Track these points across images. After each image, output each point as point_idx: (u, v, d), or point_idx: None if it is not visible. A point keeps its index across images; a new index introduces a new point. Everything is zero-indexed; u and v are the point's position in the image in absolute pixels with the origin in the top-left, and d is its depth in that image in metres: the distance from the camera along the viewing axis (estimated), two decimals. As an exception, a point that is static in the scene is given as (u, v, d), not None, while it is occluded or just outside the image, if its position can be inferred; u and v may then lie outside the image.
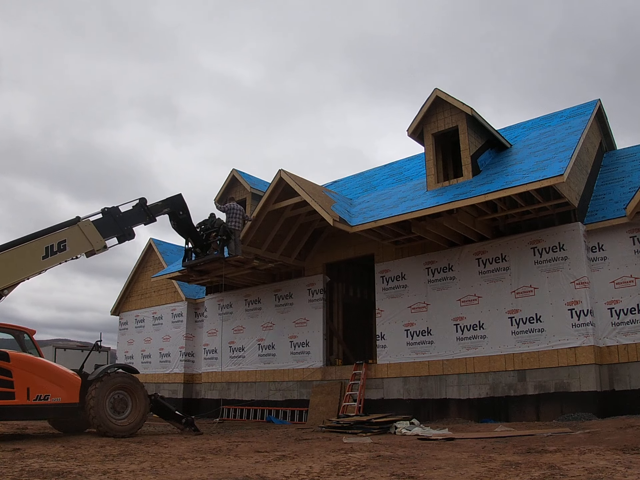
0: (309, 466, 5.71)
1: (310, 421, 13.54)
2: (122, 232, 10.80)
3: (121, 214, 10.84)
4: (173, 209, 11.84)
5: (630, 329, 10.59)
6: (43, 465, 5.81)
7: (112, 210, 10.69)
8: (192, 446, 8.00)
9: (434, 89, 13.12)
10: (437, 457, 6.25)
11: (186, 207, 12.07)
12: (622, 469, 4.79)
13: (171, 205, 11.81)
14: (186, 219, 12.11)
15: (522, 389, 11.13)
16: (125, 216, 10.93)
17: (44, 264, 9.53)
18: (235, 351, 17.03)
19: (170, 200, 11.86)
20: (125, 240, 10.93)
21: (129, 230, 10.91)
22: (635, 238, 10.99)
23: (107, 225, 10.56)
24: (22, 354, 9.04)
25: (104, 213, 10.59)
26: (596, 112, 13.99)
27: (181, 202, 12.00)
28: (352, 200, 15.35)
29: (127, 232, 10.89)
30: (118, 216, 10.74)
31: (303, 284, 15.82)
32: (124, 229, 10.80)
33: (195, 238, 12.84)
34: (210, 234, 13.03)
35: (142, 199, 11.26)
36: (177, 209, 11.91)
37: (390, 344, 13.35)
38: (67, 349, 26.32)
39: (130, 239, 10.98)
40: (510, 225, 12.16)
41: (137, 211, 11.19)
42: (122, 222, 10.79)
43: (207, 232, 13.03)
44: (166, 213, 11.84)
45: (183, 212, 12.00)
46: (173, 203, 11.87)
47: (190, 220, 12.33)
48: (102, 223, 10.49)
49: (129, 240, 10.99)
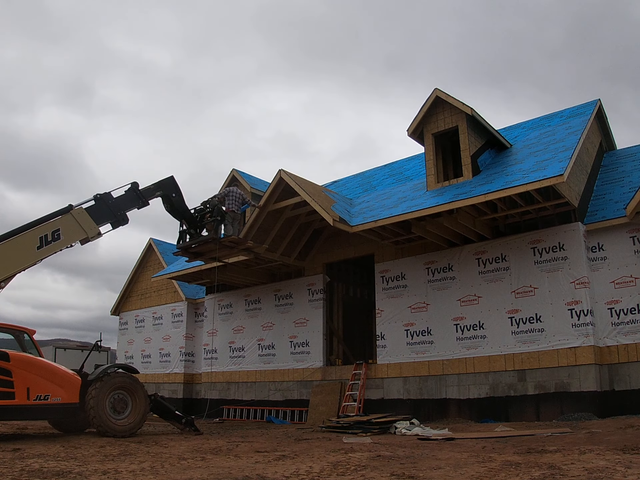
0: (309, 466, 5.71)
1: (310, 421, 13.54)
2: (116, 218, 10.83)
3: (114, 199, 10.88)
4: (166, 192, 11.93)
5: (630, 329, 10.59)
6: (43, 465, 5.81)
7: (105, 196, 10.71)
8: (192, 446, 7.99)
9: (434, 89, 13.13)
10: (437, 457, 6.25)
11: (179, 189, 12.15)
12: (622, 469, 4.79)
13: (163, 188, 11.90)
14: (179, 200, 12.18)
15: (522, 389, 11.13)
16: (118, 201, 10.96)
17: (39, 254, 9.53)
18: (235, 351, 17.03)
19: (162, 182, 11.94)
20: (119, 226, 10.97)
21: (123, 215, 10.94)
22: (635, 238, 10.99)
23: (100, 212, 10.57)
24: (22, 354, 9.04)
25: (97, 199, 10.61)
26: (596, 112, 13.99)
27: (173, 184, 12.09)
28: (352, 200, 15.35)
29: (121, 218, 10.92)
30: (111, 202, 10.77)
31: (303, 284, 15.83)
32: (118, 215, 10.83)
33: (189, 219, 12.86)
34: (204, 215, 13.02)
35: (134, 183, 11.31)
36: (170, 191, 12.00)
37: (390, 344, 13.36)
38: (67, 349, 26.37)
39: (124, 224, 11.02)
40: (510, 225, 12.16)
41: (129, 196, 11.23)
42: (115, 207, 10.82)
43: (201, 213, 13.03)
44: (159, 196, 11.91)
45: (176, 194, 12.08)
46: (165, 186, 11.94)
47: (184, 202, 12.38)
48: (95, 210, 10.50)
49: (122, 226, 11.03)
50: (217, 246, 12.99)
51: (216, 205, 12.92)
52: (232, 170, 17.42)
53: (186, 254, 13.88)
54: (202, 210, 12.98)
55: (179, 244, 13.42)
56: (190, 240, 13.11)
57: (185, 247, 13.35)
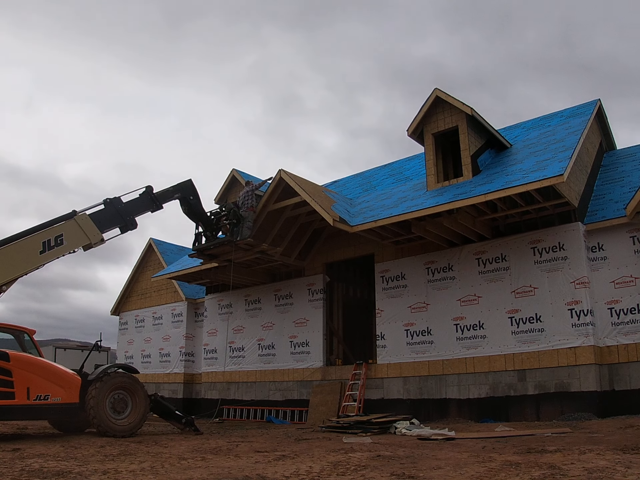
0: (309, 466, 5.71)
1: (310, 421, 13.54)
2: (125, 223, 10.88)
3: (123, 204, 10.90)
4: (184, 195, 12.12)
5: (630, 329, 10.59)
6: (43, 465, 5.81)
7: (114, 200, 10.78)
8: (192, 446, 7.99)
9: (434, 89, 13.12)
10: (437, 457, 6.25)
11: (196, 192, 12.40)
12: (622, 469, 4.79)
13: (182, 190, 12.11)
14: (196, 203, 12.44)
15: (522, 389, 11.13)
16: (128, 206, 11.02)
17: (41, 258, 9.57)
18: (235, 351, 17.03)
19: (180, 185, 12.13)
20: (127, 231, 11.04)
21: (132, 220, 11.02)
22: (635, 238, 10.99)
23: (109, 216, 10.63)
24: (22, 354, 9.04)
25: (106, 204, 10.66)
26: (596, 112, 13.99)
27: (191, 187, 12.30)
28: (352, 200, 15.35)
29: (130, 222, 10.98)
30: (120, 206, 10.82)
31: (303, 284, 15.82)
32: (127, 219, 10.88)
33: (205, 222, 13.03)
34: (220, 218, 13.16)
35: (149, 186, 11.42)
36: (188, 194, 12.23)
37: (390, 344, 13.35)
38: (67, 349, 26.37)
39: (132, 229, 11.09)
40: (510, 225, 12.16)
41: (143, 199, 11.30)
42: (125, 212, 10.87)
43: (217, 216, 13.17)
44: (177, 199, 12.14)
45: (193, 197, 12.30)
46: (184, 189, 12.17)
47: (201, 205, 12.63)
48: (103, 214, 10.55)
49: (131, 230, 11.08)
50: (233, 248, 13.10)
51: (232, 208, 13.05)
52: (232, 170, 17.43)
53: (202, 255, 14.02)
54: (218, 213, 13.13)
55: (194, 245, 13.55)
56: (206, 242, 13.23)
57: (202, 249, 13.46)
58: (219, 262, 14.67)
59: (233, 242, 12.99)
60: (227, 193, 17.31)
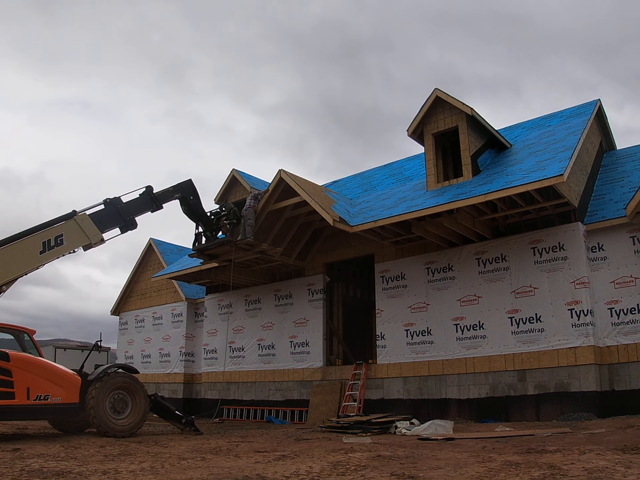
0: (309, 466, 5.71)
1: (310, 421, 13.54)
2: (125, 223, 10.90)
3: (123, 204, 10.91)
4: (184, 195, 12.13)
5: (630, 329, 10.58)
6: (43, 465, 5.81)
7: (114, 200, 10.80)
8: (192, 446, 8.00)
9: (434, 89, 13.12)
10: (437, 457, 6.25)
11: (196, 192, 12.43)
12: (622, 469, 4.79)
13: (181, 190, 12.13)
14: (196, 203, 12.47)
15: (522, 389, 11.13)
16: (128, 206, 11.03)
17: (41, 258, 9.59)
18: (235, 351, 17.03)
19: (180, 185, 12.14)
20: (127, 231, 11.07)
21: (132, 220, 11.04)
22: (635, 238, 10.99)
23: (108, 217, 10.65)
24: (22, 354, 9.05)
25: (106, 204, 10.68)
26: (596, 112, 13.99)
27: (191, 187, 12.32)
28: (352, 200, 15.35)
29: (130, 222, 11.00)
30: (120, 206, 10.83)
31: (303, 284, 15.82)
32: (127, 219, 10.90)
33: (205, 222, 13.04)
34: (220, 218, 13.18)
35: (149, 186, 11.44)
36: (188, 194, 12.27)
37: (390, 344, 13.35)
38: (67, 349, 26.33)
39: (132, 229, 11.12)
40: (510, 225, 12.16)
41: (143, 200, 11.32)
42: (125, 212, 10.88)
43: (217, 216, 13.18)
44: (177, 198, 12.16)
45: (193, 197, 12.33)
46: (183, 188, 12.19)
47: (201, 205, 12.65)
48: (103, 214, 10.58)
49: (131, 230, 11.11)
50: (233, 248, 13.12)
51: (232, 208, 13.07)
52: (232, 170, 17.42)
53: (202, 255, 14.03)
54: (218, 213, 13.14)
55: (194, 245, 13.56)
56: (206, 242, 13.24)
57: (202, 249, 13.47)
58: (219, 262, 14.68)
59: (233, 242, 13.01)
60: (226, 193, 17.30)
